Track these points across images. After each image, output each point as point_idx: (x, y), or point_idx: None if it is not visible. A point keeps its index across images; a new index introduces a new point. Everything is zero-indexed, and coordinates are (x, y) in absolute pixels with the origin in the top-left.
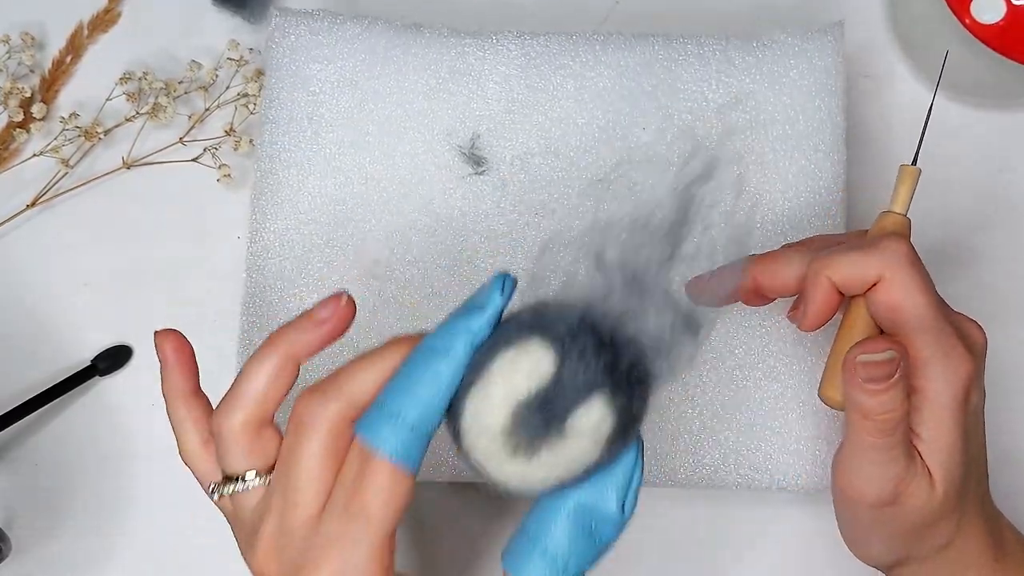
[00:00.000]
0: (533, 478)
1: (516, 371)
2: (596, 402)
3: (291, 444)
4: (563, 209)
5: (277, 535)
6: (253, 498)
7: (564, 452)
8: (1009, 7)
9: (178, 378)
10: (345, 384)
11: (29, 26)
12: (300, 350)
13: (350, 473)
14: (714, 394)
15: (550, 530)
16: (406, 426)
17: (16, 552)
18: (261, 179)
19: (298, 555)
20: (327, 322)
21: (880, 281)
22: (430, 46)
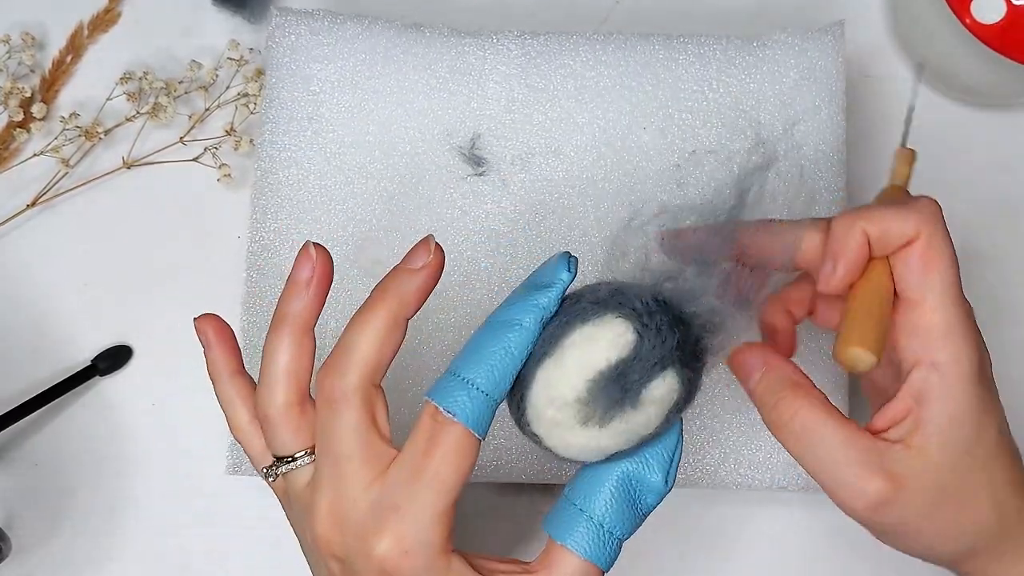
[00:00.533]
0: (595, 446)
1: (595, 343)
2: (669, 375)
3: (327, 420)
4: (563, 209)
5: (336, 505)
6: (305, 475)
7: (634, 420)
8: (1009, 7)
9: (222, 358)
10: (354, 354)
11: (29, 26)
12: (306, 319)
13: (421, 441)
14: (714, 394)
15: (597, 498)
16: (479, 393)
17: (16, 552)
18: (261, 178)
19: (363, 521)
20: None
21: (916, 239)
22: (430, 46)
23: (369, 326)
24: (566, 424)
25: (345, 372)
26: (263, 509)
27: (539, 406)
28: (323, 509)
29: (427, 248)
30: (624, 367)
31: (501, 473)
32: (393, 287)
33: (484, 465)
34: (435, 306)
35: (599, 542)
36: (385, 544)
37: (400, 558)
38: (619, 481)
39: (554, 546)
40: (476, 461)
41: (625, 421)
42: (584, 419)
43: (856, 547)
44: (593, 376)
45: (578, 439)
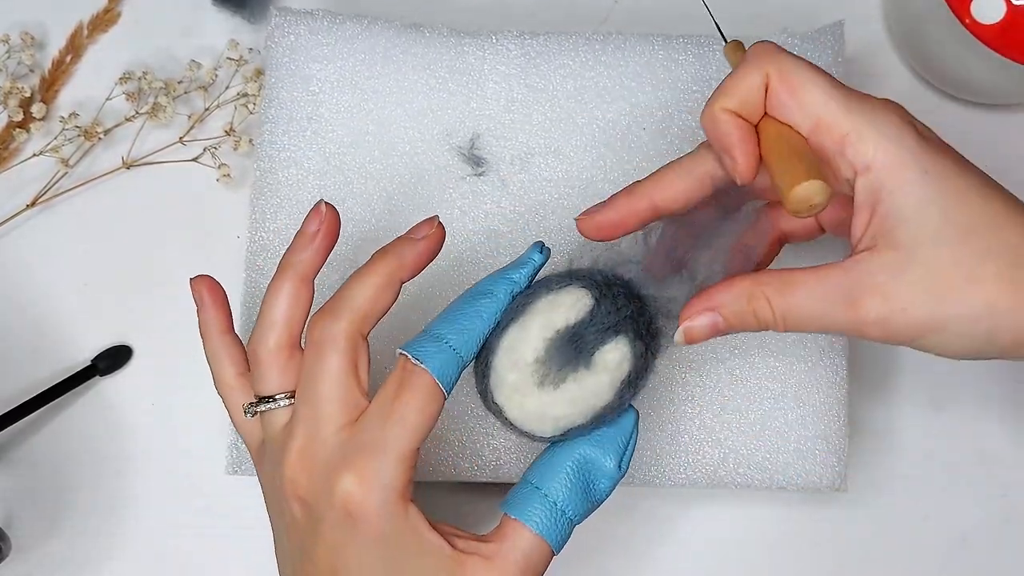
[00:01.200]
0: (552, 413)
1: (556, 307)
2: (621, 341)
3: (312, 362)
4: (562, 209)
5: (308, 445)
6: (283, 417)
7: (586, 385)
8: (1009, 7)
9: (213, 316)
10: (348, 302)
11: (29, 26)
12: (307, 269)
13: (391, 388)
14: (714, 394)
15: (553, 479)
16: (448, 348)
17: (16, 552)
18: (261, 178)
19: (330, 460)
20: (318, 234)
21: (769, 80)
22: (430, 46)
23: (366, 280)
24: (524, 388)
25: (337, 318)
26: (263, 509)
27: (501, 371)
28: (295, 449)
29: (431, 224)
30: (580, 327)
31: (501, 473)
32: (394, 250)
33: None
34: (435, 306)
35: (552, 519)
36: (348, 481)
37: (362, 497)
38: (575, 464)
39: (508, 520)
40: (439, 414)
41: (578, 383)
42: (540, 379)
43: (857, 547)
44: (551, 335)
45: (533, 403)
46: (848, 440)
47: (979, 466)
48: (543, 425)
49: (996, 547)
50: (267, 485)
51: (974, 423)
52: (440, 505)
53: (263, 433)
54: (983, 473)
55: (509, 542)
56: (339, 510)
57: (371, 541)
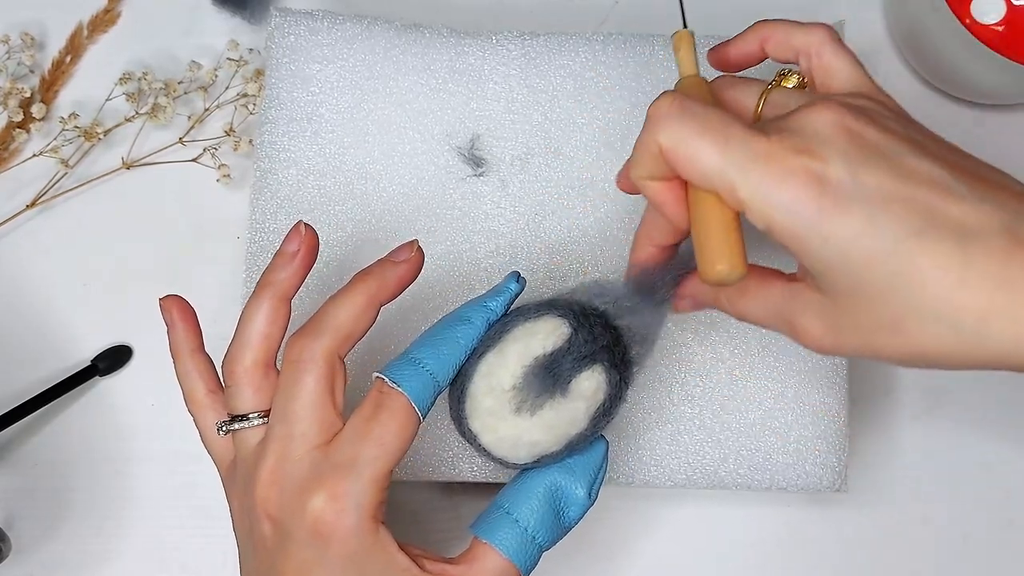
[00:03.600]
0: (526, 440)
1: (534, 335)
2: (598, 370)
3: (289, 380)
4: (562, 209)
5: (280, 463)
6: (256, 436)
7: (562, 412)
8: (1009, 7)
9: (184, 335)
10: (329, 322)
11: (29, 26)
12: (286, 288)
13: (367, 409)
14: (714, 394)
15: (524, 504)
16: (425, 372)
17: (16, 552)
18: (261, 178)
19: (302, 479)
20: (297, 254)
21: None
22: (430, 46)
23: (347, 302)
24: (500, 413)
25: (317, 337)
26: None
27: (477, 396)
28: (267, 467)
29: (410, 247)
30: (558, 355)
31: (501, 473)
32: (374, 272)
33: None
34: (433, 306)
35: (522, 544)
36: (320, 500)
37: (333, 516)
38: (546, 490)
39: (478, 543)
40: (413, 439)
41: (555, 410)
42: (517, 405)
43: (857, 548)
44: (529, 363)
45: (509, 429)
46: (848, 441)
47: (979, 467)
48: (517, 452)
49: (996, 548)
50: (236, 504)
51: (975, 424)
52: (440, 506)
53: (235, 452)
54: (983, 474)
55: (479, 564)
56: (309, 529)
57: (340, 561)
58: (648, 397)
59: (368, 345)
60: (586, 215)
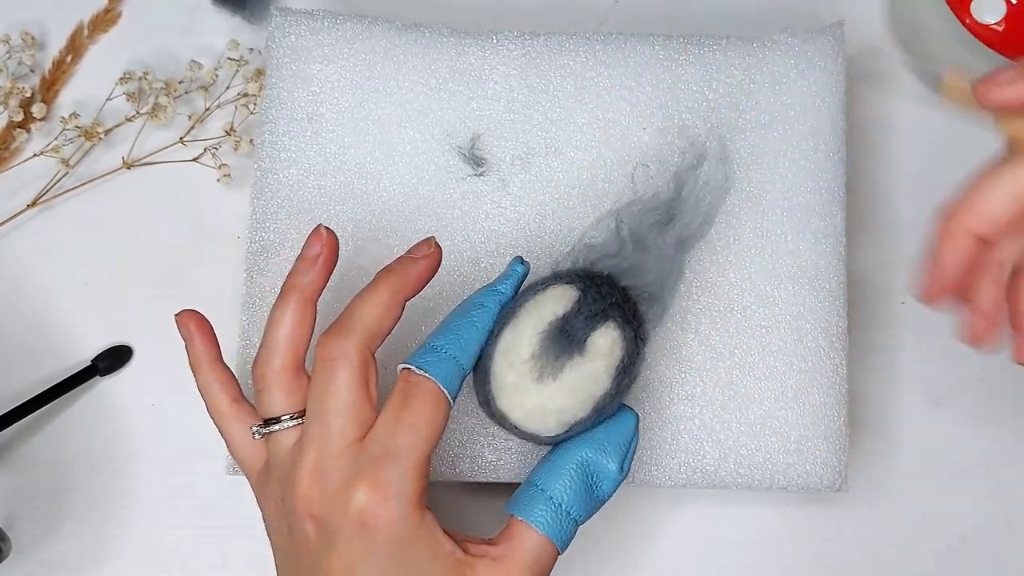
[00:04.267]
0: (553, 407)
1: (544, 305)
2: (610, 326)
3: (323, 379)
4: (563, 209)
5: (320, 460)
6: (290, 438)
7: (583, 372)
8: (1009, 7)
9: (203, 348)
10: (358, 320)
11: (29, 26)
12: (311, 290)
13: (397, 400)
14: (714, 394)
15: (557, 480)
16: (448, 356)
17: (16, 552)
18: (261, 178)
19: (343, 474)
20: (319, 256)
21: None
22: (430, 46)
23: (374, 299)
24: (524, 386)
25: (348, 334)
26: None
27: (500, 374)
28: (306, 467)
29: (428, 244)
30: (569, 316)
31: (501, 473)
32: (398, 269)
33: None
34: (435, 306)
35: (557, 520)
36: (363, 493)
37: (377, 507)
38: (578, 466)
39: (515, 522)
40: (446, 423)
41: (575, 371)
42: (539, 373)
43: (857, 547)
44: (543, 328)
45: (535, 399)
46: (848, 440)
47: (980, 466)
48: (546, 422)
49: (996, 547)
50: (272, 508)
51: (975, 423)
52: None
53: (268, 456)
54: (983, 473)
55: (517, 543)
56: (355, 523)
57: (387, 550)
58: (648, 397)
59: None
60: (586, 215)
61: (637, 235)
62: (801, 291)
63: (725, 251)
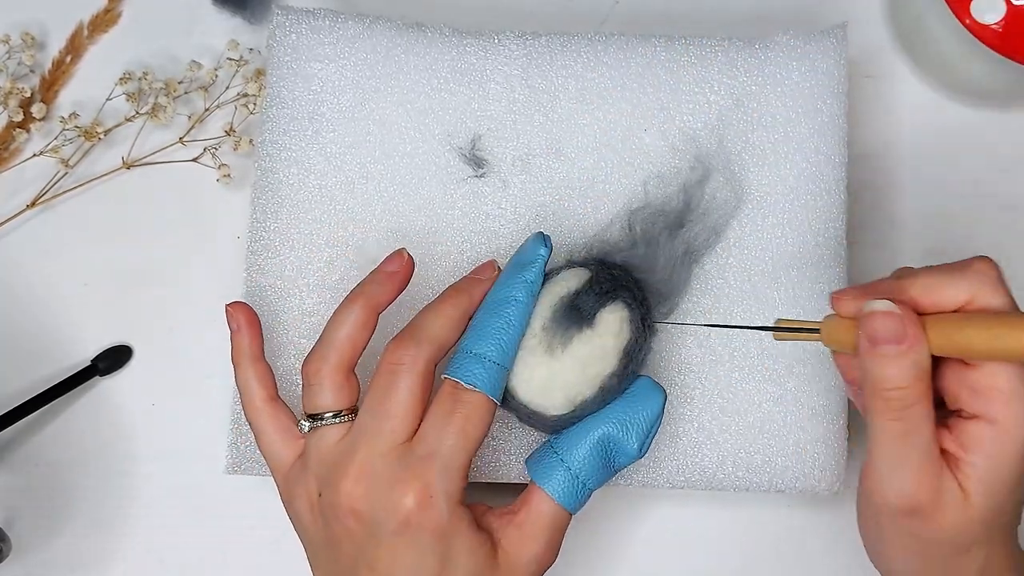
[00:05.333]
0: (560, 381)
1: (558, 284)
2: (619, 305)
3: (386, 383)
4: (563, 210)
5: (368, 459)
6: (334, 435)
7: (592, 347)
8: (1009, 7)
9: (248, 343)
10: (428, 332)
11: (29, 26)
12: (380, 301)
13: (446, 405)
14: (713, 396)
15: (576, 451)
16: (492, 363)
17: (16, 552)
18: (261, 177)
19: (390, 474)
20: (396, 274)
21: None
22: (432, 45)
23: (443, 313)
24: (533, 360)
25: (419, 343)
26: (263, 508)
27: None
28: (356, 463)
29: (491, 266)
30: (580, 292)
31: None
32: (464, 287)
33: (484, 465)
34: None
35: (572, 490)
36: (412, 491)
37: (425, 506)
38: (599, 439)
39: (534, 488)
40: (492, 421)
41: (584, 343)
42: (548, 343)
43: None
44: (555, 303)
45: (543, 371)
46: (847, 443)
47: None
48: (553, 397)
49: None
50: (305, 503)
51: None
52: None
53: (301, 452)
54: None
55: (535, 509)
56: (402, 519)
57: (431, 544)
58: None
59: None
60: (587, 216)
61: (649, 235)
62: (801, 293)
63: (725, 253)
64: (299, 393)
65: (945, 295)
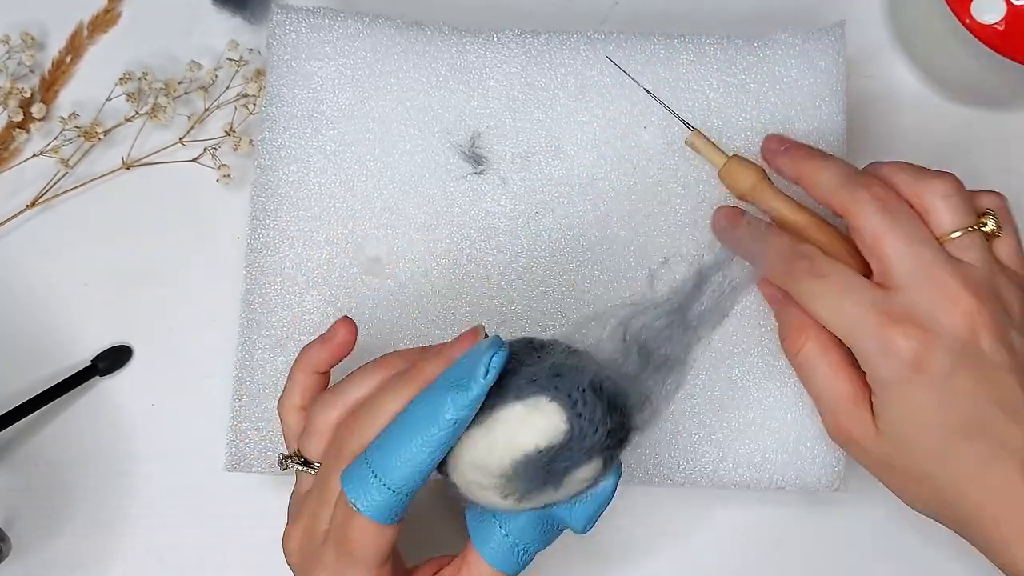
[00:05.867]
0: (513, 512)
1: (525, 427)
2: (595, 462)
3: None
4: (562, 208)
5: (305, 536)
6: (309, 483)
7: (553, 498)
8: (1009, 7)
9: (326, 357)
10: (345, 393)
11: (29, 26)
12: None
13: (339, 516)
14: (712, 393)
15: (515, 520)
16: (385, 489)
17: (16, 552)
18: (261, 176)
19: (309, 562)
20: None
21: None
22: (431, 43)
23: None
24: (487, 489)
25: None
26: (263, 508)
27: (462, 468)
28: (297, 533)
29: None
30: (553, 455)
31: None
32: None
33: None
34: (434, 304)
35: (512, 557)
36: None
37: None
38: (540, 515)
39: (471, 549)
40: (396, 534)
41: (545, 497)
42: (504, 494)
43: (855, 547)
44: (519, 458)
45: (496, 504)
46: None
47: None
48: (497, 508)
49: None
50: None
51: None
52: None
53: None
54: None
55: (472, 568)
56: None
57: None
58: None
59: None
60: (586, 213)
61: (645, 346)
62: None
63: None
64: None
65: None
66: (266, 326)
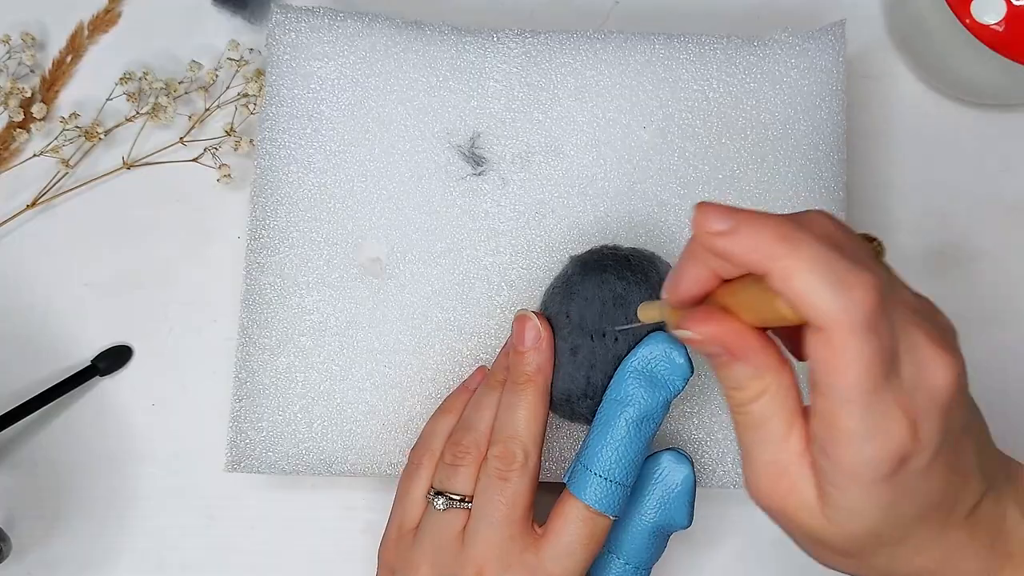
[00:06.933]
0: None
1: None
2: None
3: (500, 486)
4: (562, 208)
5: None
6: (459, 520)
7: None
8: (1009, 7)
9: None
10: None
11: (29, 26)
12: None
13: (573, 528)
14: (712, 393)
15: (628, 544)
16: (620, 488)
17: (16, 552)
18: (261, 176)
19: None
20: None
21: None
22: (431, 43)
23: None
24: None
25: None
26: (263, 508)
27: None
28: (473, 563)
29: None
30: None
31: None
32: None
33: None
34: (434, 304)
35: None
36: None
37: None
38: (649, 531)
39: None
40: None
41: None
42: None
43: None
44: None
45: None
46: None
47: None
48: None
49: None
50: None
51: None
52: None
53: (421, 522)
54: None
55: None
56: None
57: None
58: None
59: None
60: (586, 214)
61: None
62: None
63: None
64: (293, 390)
65: None
66: (266, 326)
